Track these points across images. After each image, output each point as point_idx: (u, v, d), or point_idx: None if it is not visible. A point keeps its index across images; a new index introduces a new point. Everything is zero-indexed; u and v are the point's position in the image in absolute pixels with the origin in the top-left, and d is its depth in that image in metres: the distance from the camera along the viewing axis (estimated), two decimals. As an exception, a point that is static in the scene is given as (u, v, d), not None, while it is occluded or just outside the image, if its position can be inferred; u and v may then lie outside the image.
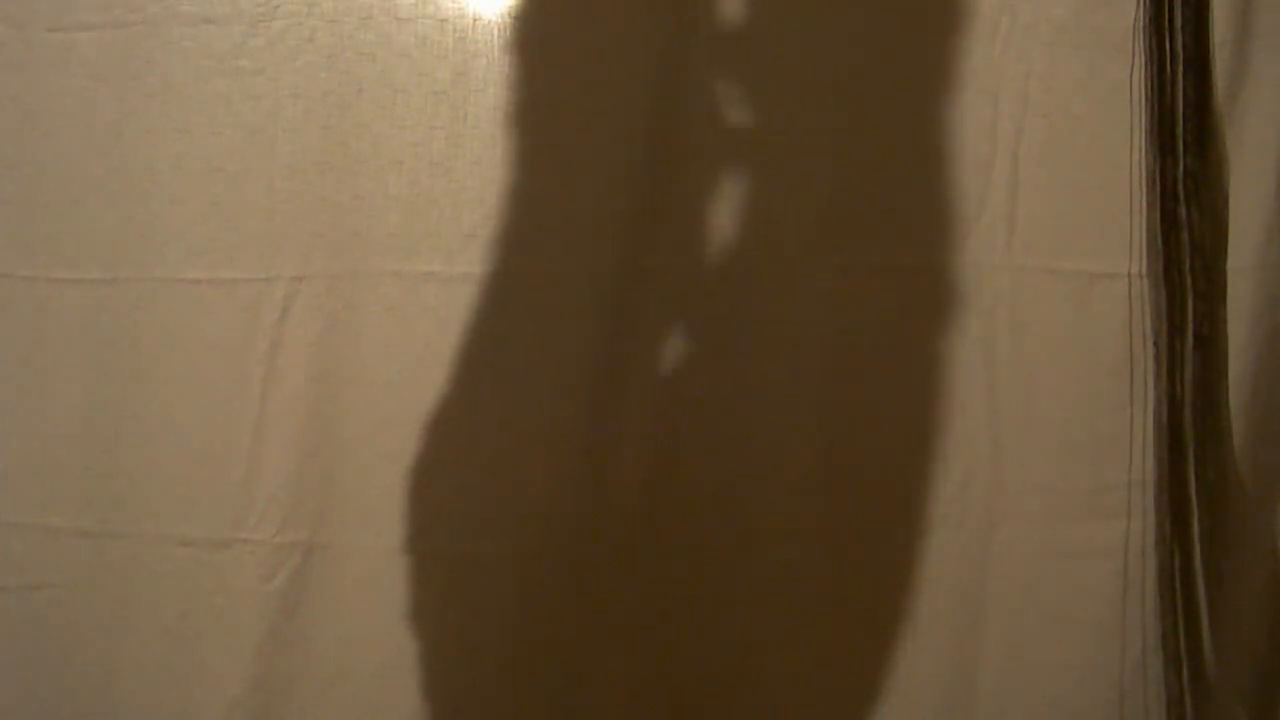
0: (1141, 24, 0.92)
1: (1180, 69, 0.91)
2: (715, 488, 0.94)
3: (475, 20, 0.92)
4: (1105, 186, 0.93)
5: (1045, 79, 0.93)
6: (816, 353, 0.94)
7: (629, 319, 0.93)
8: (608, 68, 0.92)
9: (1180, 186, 0.92)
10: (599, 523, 0.94)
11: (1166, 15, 0.91)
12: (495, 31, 0.92)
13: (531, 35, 0.92)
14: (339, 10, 0.92)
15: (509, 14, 0.92)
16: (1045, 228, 0.94)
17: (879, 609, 0.95)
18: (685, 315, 0.93)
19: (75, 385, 0.95)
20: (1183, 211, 0.92)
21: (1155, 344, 0.93)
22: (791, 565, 0.94)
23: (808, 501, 0.94)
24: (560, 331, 0.93)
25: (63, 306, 0.95)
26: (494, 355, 0.93)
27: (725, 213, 0.93)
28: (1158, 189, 0.92)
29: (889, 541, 0.95)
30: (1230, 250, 0.92)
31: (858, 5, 0.92)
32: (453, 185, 0.93)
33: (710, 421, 0.94)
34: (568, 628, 0.94)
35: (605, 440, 0.93)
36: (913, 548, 0.94)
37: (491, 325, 0.93)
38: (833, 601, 0.94)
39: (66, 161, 0.94)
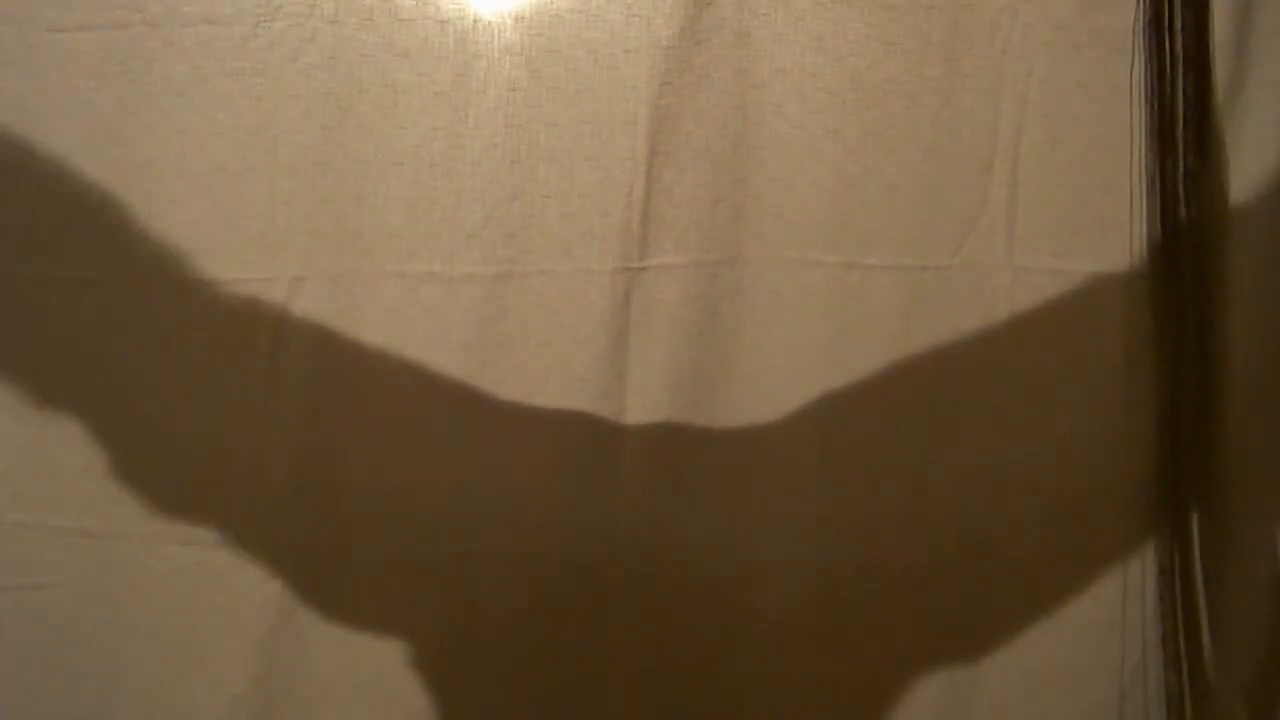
0: (1141, 24, 0.92)
1: (1180, 69, 0.91)
2: (716, 486, 0.94)
3: (476, 21, 0.92)
4: (1105, 186, 0.93)
5: (1045, 79, 0.93)
6: (815, 353, 0.94)
7: (628, 319, 0.93)
8: (608, 68, 0.92)
9: (1180, 186, 0.92)
10: (600, 522, 0.94)
11: (1166, 15, 0.91)
12: (495, 33, 0.92)
13: (532, 36, 0.92)
14: (340, 11, 0.92)
15: (509, 15, 0.92)
16: (1045, 228, 0.94)
17: (878, 606, 0.95)
18: (684, 316, 0.93)
19: (75, 385, 0.95)
20: (1183, 211, 0.92)
21: (1155, 343, 0.93)
22: (790, 558, 0.94)
23: (805, 494, 0.94)
24: (560, 331, 0.93)
25: (63, 306, 0.95)
26: (494, 355, 0.93)
27: (725, 213, 0.93)
28: (1158, 189, 0.92)
29: (888, 541, 0.95)
30: (1230, 250, 0.93)
31: (859, 7, 0.92)
32: (453, 186, 0.93)
33: (710, 421, 0.94)
34: (569, 628, 0.94)
35: (606, 440, 0.93)
36: (912, 548, 0.95)
37: (491, 325, 0.93)
38: (831, 594, 0.94)
39: (66, 161, 0.94)
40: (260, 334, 0.93)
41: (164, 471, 0.95)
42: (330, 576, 0.94)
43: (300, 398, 0.94)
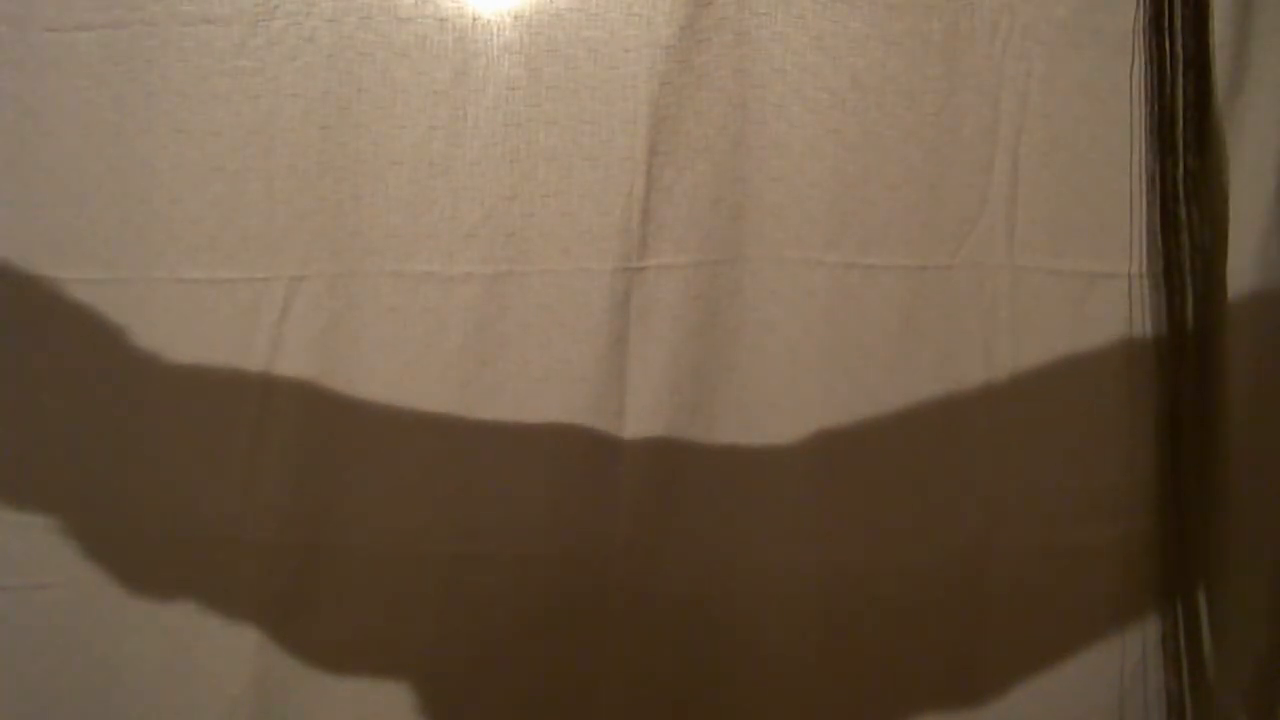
0: (1141, 24, 0.92)
1: (1180, 69, 0.91)
2: (715, 488, 0.94)
3: (475, 20, 0.92)
4: (1105, 186, 0.93)
5: (1045, 79, 0.93)
6: (815, 353, 0.94)
7: (628, 320, 0.93)
8: (607, 66, 0.92)
9: (1180, 186, 0.92)
10: (599, 523, 0.94)
11: (1166, 15, 0.91)
12: (494, 31, 0.92)
13: (531, 34, 0.92)
14: (339, 10, 0.92)
15: (508, 14, 0.92)
16: (1045, 228, 0.94)
17: (877, 610, 0.95)
18: (684, 316, 0.93)
19: (75, 385, 0.95)
20: (1183, 211, 0.92)
21: (1155, 344, 0.93)
22: (789, 562, 0.94)
23: (805, 496, 0.94)
24: (559, 331, 0.93)
25: (63, 306, 0.95)
26: (493, 355, 0.93)
27: (725, 213, 0.93)
28: (1158, 189, 0.92)
29: (887, 542, 0.94)
30: (1230, 250, 0.92)
31: (859, 6, 0.92)
32: (452, 185, 0.93)
33: (709, 421, 0.94)
34: (568, 628, 0.94)
35: (605, 440, 0.93)
36: (912, 551, 0.94)
37: (491, 325, 0.93)
38: (830, 599, 0.94)
39: (66, 161, 0.94)
40: (260, 334, 0.93)
41: (161, 471, 0.95)
42: (329, 579, 0.94)
43: (300, 397, 0.94)
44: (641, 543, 0.94)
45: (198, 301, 0.94)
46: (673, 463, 0.94)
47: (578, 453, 0.93)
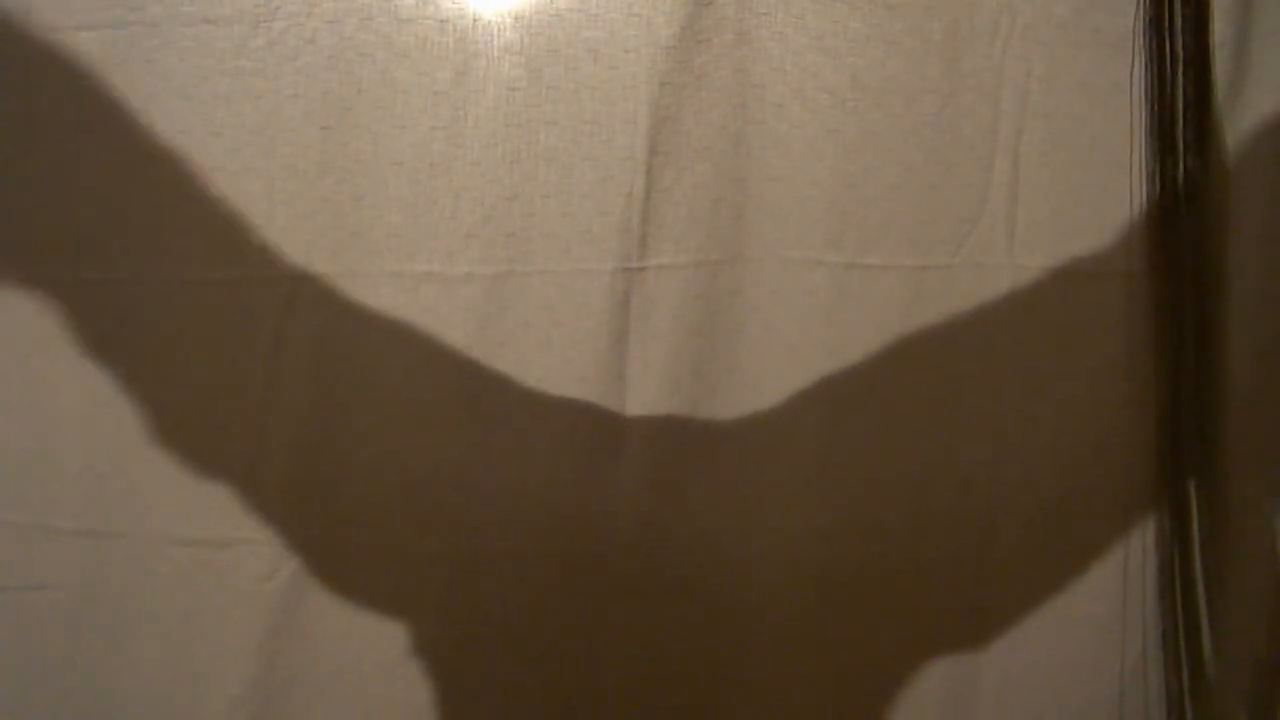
0: (1141, 24, 0.92)
1: (1180, 69, 0.91)
2: (715, 486, 0.94)
3: (475, 21, 0.92)
4: (1105, 186, 0.93)
5: (1045, 79, 0.93)
6: (816, 353, 0.94)
7: (628, 320, 0.93)
8: (608, 67, 0.92)
9: (1180, 186, 0.92)
10: (600, 522, 0.94)
11: (1166, 15, 0.91)
12: (495, 32, 0.92)
13: (531, 35, 0.92)
14: (339, 11, 0.92)
15: (509, 15, 0.92)
16: (1045, 228, 0.94)
17: (878, 602, 0.95)
18: (684, 316, 0.93)
19: (75, 385, 0.95)
20: (1183, 211, 0.92)
21: (1155, 343, 0.93)
22: (790, 556, 0.94)
23: (805, 493, 0.94)
24: (559, 331, 0.93)
25: (63, 306, 0.95)
26: (493, 355, 0.93)
27: (725, 213, 0.93)
28: (1158, 189, 0.93)
29: (888, 541, 0.95)
30: (1230, 250, 0.93)
31: (858, 6, 0.92)
32: (453, 185, 0.93)
33: (710, 419, 0.94)
34: (569, 627, 0.94)
35: (606, 439, 0.93)
36: (912, 544, 0.95)
37: (491, 325, 0.93)
38: (831, 590, 0.95)
39: (66, 161, 0.94)
40: (260, 334, 0.93)
41: (164, 472, 0.94)
42: (330, 575, 0.94)
43: (300, 397, 0.94)
44: (641, 538, 0.94)
45: (198, 301, 0.93)
46: (673, 463, 0.94)
47: (579, 451, 0.93)
